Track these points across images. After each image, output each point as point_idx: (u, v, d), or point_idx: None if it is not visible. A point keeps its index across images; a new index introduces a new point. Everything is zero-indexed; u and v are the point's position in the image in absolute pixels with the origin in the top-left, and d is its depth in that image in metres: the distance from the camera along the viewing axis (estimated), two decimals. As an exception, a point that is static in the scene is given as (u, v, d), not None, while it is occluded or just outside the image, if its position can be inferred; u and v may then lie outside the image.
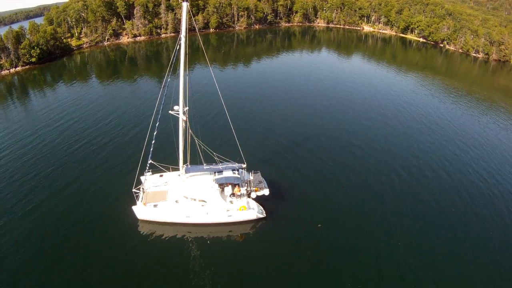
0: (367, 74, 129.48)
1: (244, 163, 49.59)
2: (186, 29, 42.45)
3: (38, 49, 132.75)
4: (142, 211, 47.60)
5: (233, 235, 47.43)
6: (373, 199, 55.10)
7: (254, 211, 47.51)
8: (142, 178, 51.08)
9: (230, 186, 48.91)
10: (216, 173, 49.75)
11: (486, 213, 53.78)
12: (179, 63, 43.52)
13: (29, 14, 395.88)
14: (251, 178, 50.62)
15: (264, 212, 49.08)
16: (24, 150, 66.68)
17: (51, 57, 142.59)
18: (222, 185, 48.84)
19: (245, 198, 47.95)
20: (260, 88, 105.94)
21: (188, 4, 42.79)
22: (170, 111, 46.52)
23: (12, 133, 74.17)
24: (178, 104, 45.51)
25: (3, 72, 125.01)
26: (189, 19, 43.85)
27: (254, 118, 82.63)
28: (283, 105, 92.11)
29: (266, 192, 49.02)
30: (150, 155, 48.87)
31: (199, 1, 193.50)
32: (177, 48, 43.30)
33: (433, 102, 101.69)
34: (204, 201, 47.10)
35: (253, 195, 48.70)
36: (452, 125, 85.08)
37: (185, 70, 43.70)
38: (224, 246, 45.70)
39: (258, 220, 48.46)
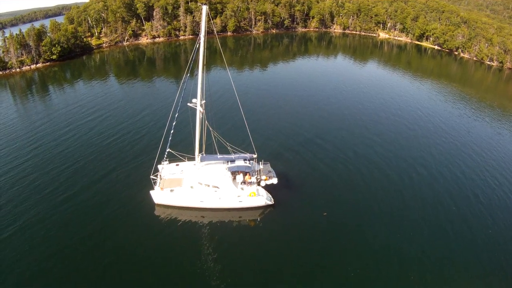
0: (383, 80, 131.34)
1: (255, 154, 53.54)
2: (205, 30, 45.92)
3: (59, 46, 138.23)
4: (159, 195, 51.16)
5: (243, 219, 50.74)
6: (377, 192, 57.67)
7: (263, 198, 50.68)
8: (159, 166, 54.67)
9: (241, 174, 52.16)
10: (229, 162, 53.32)
11: (498, 212, 55.61)
12: (198, 59, 47.08)
13: (48, 13, 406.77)
14: (261, 167, 54.21)
15: (273, 199, 52.17)
16: (55, 143, 70.62)
17: (71, 55, 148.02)
18: (234, 173, 52.23)
19: (255, 186, 51.20)
20: (274, 89, 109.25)
21: (207, 7, 46.46)
22: (188, 104, 50.09)
23: (39, 127, 78.15)
24: (196, 98, 49.13)
25: (24, 68, 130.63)
26: (208, 22, 47.26)
27: (266, 115, 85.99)
28: (297, 105, 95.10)
29: (274, 181, 52.49)
30: (168, 145, 52.59)
31: (218, 5, 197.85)
32: (197, 46, 47.12)
33: (447, 108, 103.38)
34: (217, 187, 50.44)
35: (263, 183, 52.14)
36: (465, 129, 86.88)
37: (203, 66, 47.32)
38: (234, 229, 48.99)
39: (266, 206, 51.64)
